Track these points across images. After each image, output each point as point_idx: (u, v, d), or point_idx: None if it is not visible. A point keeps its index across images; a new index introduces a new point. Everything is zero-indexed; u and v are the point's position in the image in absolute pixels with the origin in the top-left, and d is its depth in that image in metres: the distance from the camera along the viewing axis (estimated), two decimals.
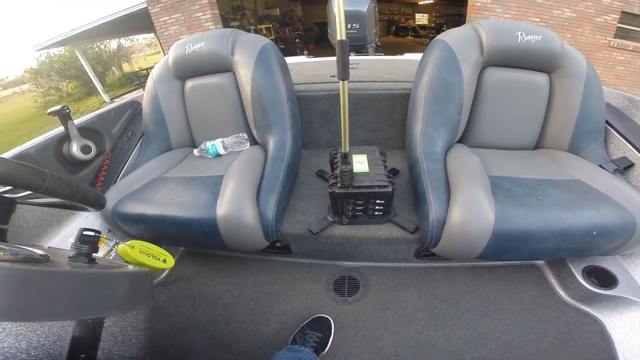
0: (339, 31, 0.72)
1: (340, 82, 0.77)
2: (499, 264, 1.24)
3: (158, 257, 0.74)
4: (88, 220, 1.20)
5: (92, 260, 0.59)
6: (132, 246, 0.70)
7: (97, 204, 0.67)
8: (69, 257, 0.57)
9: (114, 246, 1.07)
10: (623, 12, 6.07)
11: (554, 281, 1.15)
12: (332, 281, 1.22)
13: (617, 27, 6.20)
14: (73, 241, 0.58)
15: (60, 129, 1.17)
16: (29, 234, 1.03)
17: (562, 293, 1.11)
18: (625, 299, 0.96)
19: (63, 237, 1.10)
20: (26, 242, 1.00)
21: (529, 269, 1.21)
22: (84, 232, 0.58)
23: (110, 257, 1.12)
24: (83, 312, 0.47)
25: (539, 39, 1.09)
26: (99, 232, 0.60)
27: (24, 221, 1.02)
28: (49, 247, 0.85)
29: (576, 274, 1.05)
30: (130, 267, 0.68)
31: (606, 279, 1.01)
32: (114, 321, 1.06)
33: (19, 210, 0.99)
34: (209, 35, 1.26)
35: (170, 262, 0.77)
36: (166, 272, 1.33)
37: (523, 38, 1.09)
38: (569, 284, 1.09)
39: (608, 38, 6.27)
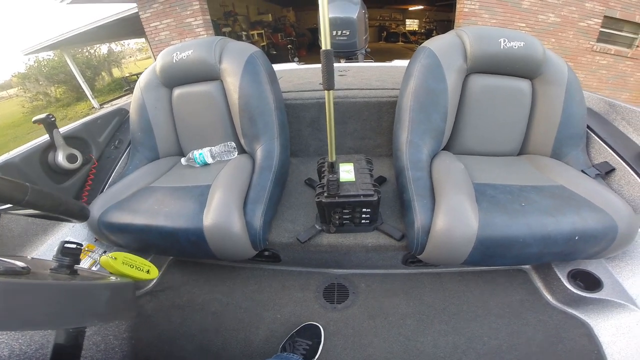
0: (324, 40, 0.72)
1: (326, 91, 0.78)
2: (486, 269, 1.25)
3: (141, 268, 0.73)
4: (74, 229, 1.18)
5: (74, 272, 0.59)
6: (115, 258, 0.70)
7: (81, 215, 0.67)
8: (50, 269, 0.57)
9: (100, 256, 1.07)
10: (605, 17, 6.22)
11: (540, 285, 1.17)
12: (321, 289, 1.22)
13: (600, 31, 6.36)
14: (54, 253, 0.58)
15: (46, 137, 1.16)
16: (14, 243, 1.01)
17: (548, 297, 1.12)
18: (610, 301, 0.98)
19: (49, 247, 1.08)
20: (10, 252, 0.99)
21: (516, 274, 1.22)
22: (65, 245, 0.58)
23: (96, 268, 1.10)
24: (64, 321, 0.49)
25: (522, 45, 1.11)
26: (81, 245, 0.60)
27: (8, 230, 1.00)
28: (32, 258, 0.84)
29: (562, 278, 1.07)
30: (113, 278, 0.68)
31: (591, 282, 1.03)
32: (96, 330, 1.06)
33: (3, 219, 0.98)
34: (197, 43, 1.26)
35: (154, 273, 0.77)
36: (154, 281, 1.31)
37: (506, 44, 1.10)
38: (555, 288, 1.10)
39: (591, 42, 6.43)
